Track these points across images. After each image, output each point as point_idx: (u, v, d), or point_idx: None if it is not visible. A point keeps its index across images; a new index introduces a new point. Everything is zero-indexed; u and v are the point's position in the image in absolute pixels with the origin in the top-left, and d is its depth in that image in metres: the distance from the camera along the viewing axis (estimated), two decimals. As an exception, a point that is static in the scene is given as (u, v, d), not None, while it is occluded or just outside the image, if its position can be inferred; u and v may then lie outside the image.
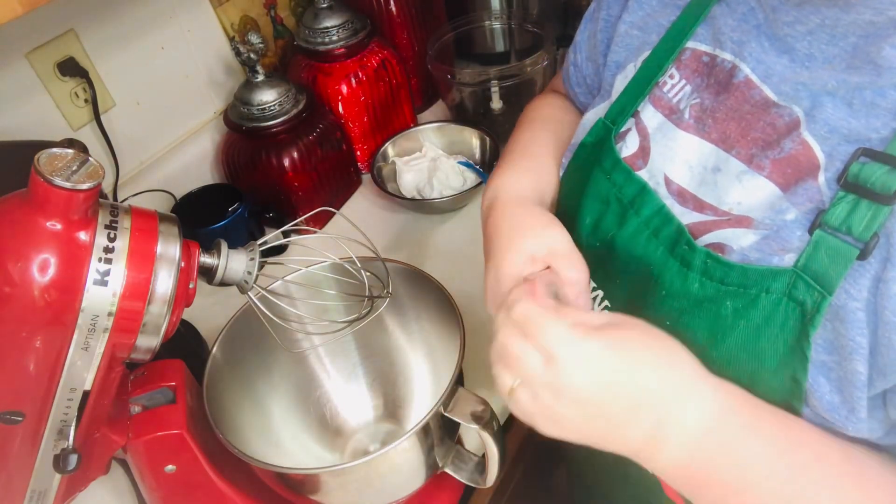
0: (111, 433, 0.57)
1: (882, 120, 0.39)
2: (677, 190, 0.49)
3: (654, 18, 0.55)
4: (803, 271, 0.41)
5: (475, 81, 1.09)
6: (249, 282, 0.53)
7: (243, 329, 0.69)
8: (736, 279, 0.44)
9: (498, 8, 1.18)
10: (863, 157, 0.39)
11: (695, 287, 0.46)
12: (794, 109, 0.43)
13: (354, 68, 1.04)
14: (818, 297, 0.40)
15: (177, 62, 1.00)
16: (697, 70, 0.50)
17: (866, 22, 0.40)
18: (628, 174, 0.52)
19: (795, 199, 0.42)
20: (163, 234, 0.48)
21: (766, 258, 0.43)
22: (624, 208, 0.52)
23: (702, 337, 0.45)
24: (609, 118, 0.55)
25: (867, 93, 0.40)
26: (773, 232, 0.43)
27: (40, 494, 0.53)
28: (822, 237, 0.40)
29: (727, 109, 0.47)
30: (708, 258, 0.45)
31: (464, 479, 0.65)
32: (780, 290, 0.42)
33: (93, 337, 0.46)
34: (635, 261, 0.50)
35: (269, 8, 1.09)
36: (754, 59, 0.46)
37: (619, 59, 0.58)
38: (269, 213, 0.96)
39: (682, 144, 0.49)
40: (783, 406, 0.43)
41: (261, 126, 0.93)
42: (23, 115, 0.84)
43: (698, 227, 0.47)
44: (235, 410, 0.67)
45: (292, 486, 0.62)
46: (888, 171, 0.38)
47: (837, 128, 0.41)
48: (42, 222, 0.43)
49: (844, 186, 0.40)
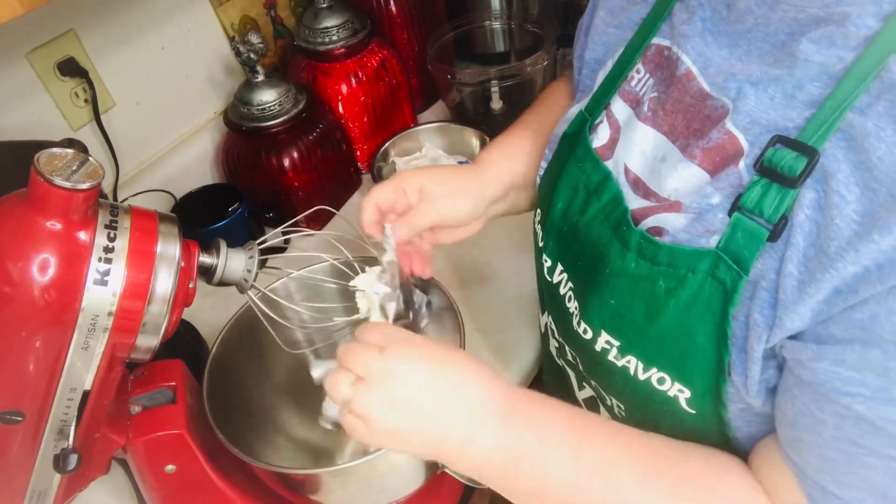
0: (111, 433, 0.57)
1: (797, 111, 0.41)
2: (633, 178, 0.52)
3: (626, 15, 0.58)
4: (724, 252, 0.43)
5: (475, 81, 1.09)
6: (249, 280, 0.54)
7: (243, 329, 0.69)
8: (665, 259, 0.46)
9: (498, 8, 1.18)
10: (778, 144, 0.41)
11: (632, 266, 0.48)
12: (724, 101, 0.45)
13: (354, 68, 1.04)
14: (735, 277, 0.42)
15: (177, 62, 1.00)
16: (659, 64, 0.53)
17: (791, 19, 0.42)
18: (596, 163, 0.54)
19: (719, 185, 0.44)
20: (163, 234, 0.48)
21: (694, 240, 0.45)
22: (589, 194, 0.55)
23: (640, 315, 0.48)
24: (587, 110, 0.58)
25: (787, 85, 0.42)
26: (698, 215, 0.45)
27: (40, 494, 0.53)
28: (739, 219, 0.42)
29: (673, 101, 0.49)
30: (642, 238, 0.48)
31: (464, 479, 0.65)
32: (704, 270, 0.44)
33: (93, 337, 0.46)
34: (591, 244, 0.53)
35: (269, 8, 1.09)
36: (696, 51, 0.48)
37: (597, 55, 0.61)
38: (269, 213, 0.97)
39: (640, 135, 0.52)
40: (711, 384, 0.46)
41: (261, 126, 0.93)
42: (23, 115, 0.84)
43: (642, 211, 0.49)
44: (235, 410, 0.67)
45: (292, 486, 0.62)
46: (796, 157, 0.40)
47: (758, 118, 0.43)
48: (42, 222, 0.43)
49: (759, 171, 0.42)
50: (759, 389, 0.44)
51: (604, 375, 0.54)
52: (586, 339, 0.53)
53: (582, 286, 0.55)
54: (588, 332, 0.53)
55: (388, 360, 0.49)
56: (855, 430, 0.38)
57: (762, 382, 0.43)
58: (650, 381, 0.49)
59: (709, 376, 0.46)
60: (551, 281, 0.60)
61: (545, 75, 1.08)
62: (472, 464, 0.49)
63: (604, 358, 0.52)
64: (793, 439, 0.43)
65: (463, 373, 0.50)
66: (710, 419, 0.48)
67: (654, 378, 0.48)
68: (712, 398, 0.46)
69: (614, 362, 0.51)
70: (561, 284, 0.58)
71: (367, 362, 0.49)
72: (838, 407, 0.39)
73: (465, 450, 0.49)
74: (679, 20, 0.50)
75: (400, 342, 0.51)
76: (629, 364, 0.50)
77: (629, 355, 0.50)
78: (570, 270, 0.57)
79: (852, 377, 0.37)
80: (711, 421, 0.48)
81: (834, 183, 0.38)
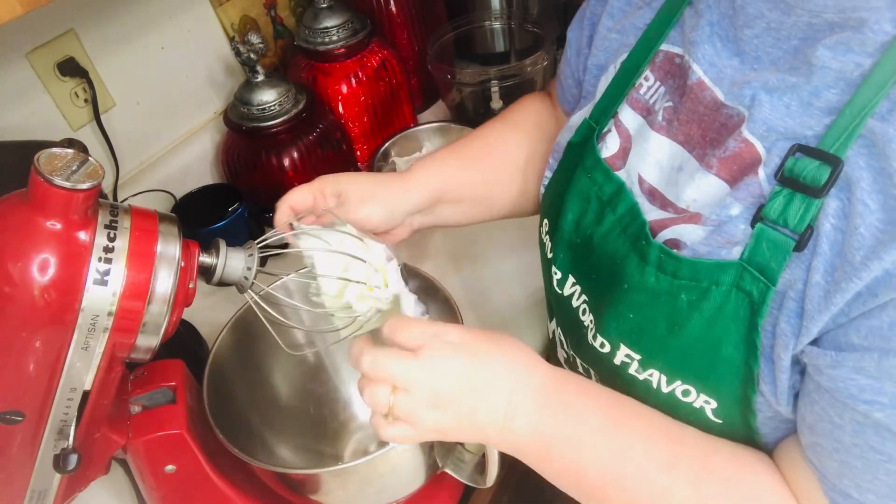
0: (111, 433, 0.57)
1: (816, 118, 0.41)
2: (648, 189, 0.51)
3: (629, 20, 0.56)
4: (748, 263, 0.42)
5: (475, 81, 1.08)
6: (249, 278, 0.53)
7: (243, 329, 0.69)
8: (687, 273, 0.46)
9: (498, 8, 1.18)
10: (798, 153, 0.41)
11: (651, 281, 0.48)
12: (740, 110, 0.45)
13: (354, 68, 1.04)
14: (763, 288, 0.42)
15: (177, 62, 1.00)
16: (670, 72, 0.52)
17: (805, 24, 0.42)
18: (608, 174, 0.54)
19: (739, 195, 0.44)
20: (163, 234, 0.48)
21: (715, 252, 0.44)
22: (602, 206, 0.54)
23: (661, 329, 0.47)
24: (593, 118, 0.57)
25: (803, 92, 0.41)
26: (718, 227, 0.45)
27: (40, 494, 0.53)
28: (762, 230, 0.42)
29: (687, 111, 0.49)
30: (662, 253, 0.47)
31: (464, 479, 0.65)
32: (728, 282, 0.43)
33: (93, 337, 0.46)
34: (607, 257, 0.52)
35: (269, 8, 1.09)
36: (706, 61, 0.48)
37: (599, 61, 0.60)
38: (269, 213, 0.96)
39: (655, 145, 0.51)
40: (740, 394, 0.45)
41: (261, 126, 0.93)
42: (23, 115, 0.84)
43: (660, 223, 0.49)
44: (235, 411, 0.67)
45: (292, 486, 0.62)
46: (818, 166, 0.39)
47: (775, 126, 0.43)
48: (42, 222, 0.43)
49: (781, 181, 0.41)
50: (788, 397, 0.43)
51: (623, 388, 0.52)
52: (603, 353, 0.53)
53: (597, 300, 0.54)
54: (606, 346, 0.52)
55: (424, 362, 0.48)
56: (875, 437, 0.38)
57: (790, 389, 0.43)
58: (674, 393, 0.48)
59: (737, 387, 0.45)
60: (562, 293, 0.59)
61: (545, 75, 1.08)
62: (511, 447, 0.50)
63: (624, 371, 0.51)
64: (813, 444, 0.43)
65: (501, 359, 0.50)
66: (738, 428, 0.47)
67: (678, 390, 0.48)
68: (741, 408, 0.46)
69: (636, 376, 0.50)
70: (573, 297, 0.57)
71: (405, 371, 0.48)
72: (856, 414, 0.38)
73: (504, 435, 0.49)
74: (689, 27, 0.50)
75: (432, 340, 0.49)
76: (651, 377, 0.49)
77: (651, 368, 0.49)
78: (584, 283, 0.56)
79: (871, 385, 0.37)
80: (738, 429, 0.47)
81: (857, 191, 0.38)
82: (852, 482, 0.41)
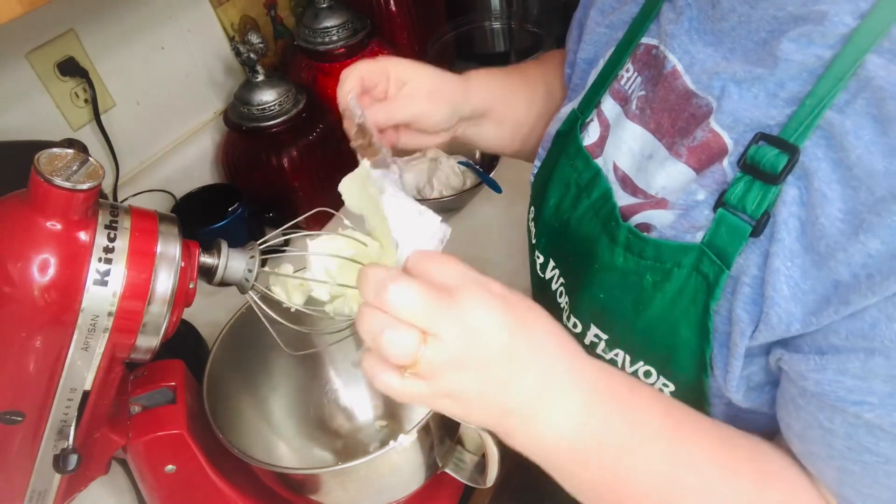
0: (111, 433, 0.57)
1: (779, 109, 0.42)
2: (621, 176, 0.52)
3: (617, 15, 0.58)
4: (708, 247, 0.44)
5: (475, 81, 1.08)
6: (250, 279, 0.53)
7: (243, 329, 0.69)
8: (652, 253, 0.47)
9: (498, 8, 1.18)
10: (760, 141, 0.42)
11: (620, 261, 0.49)
12: (709, 100, 0.46)
13: (354, 68, 1.04)
14: (718, 271, 0.43)
15: (177, 62, 1.00)
16: (647, 63, 0.53)
17: (770, 17, 0.43)
18: (587, 160, 0.55)
19: (704, 181, 0.45)
20: (163, 234, 0.48)
21: (680, 235, 0.46)
22: (580, 191, 0.55)
23: (627, 309, 0.48)
24: (580, 109, 0.59)
25: (769, 84, 0.42)
26: (685, 212, 0.46)
27: (40, 494, 0.53)
28: (723, 215, 0.43)
29: (660, 100, 0.50)
30: (629, 233, 0.48)
31: (464, 479, 0.65)
32: (689, 264, 0.45)
33: (93, 337, 0.46)
34: (581, 239, 0.54)
35: (269, 8, 1.09)
36: (682, 50, 0.49)
37: (588, 55, 0.61)
38: (269, 213, 0.96)
39: (629, 133, 0.52)
40: (694, 378, 0.46)
41: (261, 126, 0.93)
42: (23, 115, 0.84)
43: (631, 208, 0.50)
44: (235, 411, 0.67)
45: (292, 486, 0.62)
46: (777, 154, 0.40)
47: (741, 117, 0.43)
48: (42, 222, 0.43)
49: (742, 168, 0.42)
50: (738, 385, 0.44)
51: None
52: (576, 333, 0.54)
53: (573, 281, 0.55)
54: (578, 327, 0.54)
55: (464, 308, 0.38)
56: (869, 437, 0.38)
57: (743, 379, 0.44)
58: (637, 374, 0.49)
59: (692, 371, 0.46)
60: (543, 277, 0.60)
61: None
62: (533, 444, 0.41)
63: (592, 352, 0.52)
64: (806, 453, 0.43)
65: (545, 332, 0.41)
66: None
67: (640, 372, 0.49)
68: (695, 393, 0.47)
69: (602, 356, 0.51)
70: (553, 280, 0.59)
71: (441, 314, 0.37)
72: (847, 416, 0.38)
73: (528, 428, 0.41)
74: (666, 19, 0.51)
75: (472, 284, 0.39)
76: (617, 358, 0.50)
77: (617, 349, 0.50)
78: (562, 266, 0.58)
79: (858, 385, 0.37)
80: None
81: (815, 181, 0.39)
82: (853, 489, 0.41)
